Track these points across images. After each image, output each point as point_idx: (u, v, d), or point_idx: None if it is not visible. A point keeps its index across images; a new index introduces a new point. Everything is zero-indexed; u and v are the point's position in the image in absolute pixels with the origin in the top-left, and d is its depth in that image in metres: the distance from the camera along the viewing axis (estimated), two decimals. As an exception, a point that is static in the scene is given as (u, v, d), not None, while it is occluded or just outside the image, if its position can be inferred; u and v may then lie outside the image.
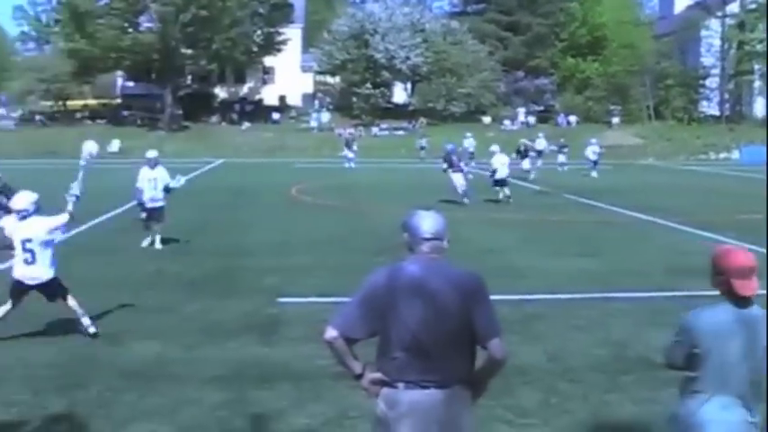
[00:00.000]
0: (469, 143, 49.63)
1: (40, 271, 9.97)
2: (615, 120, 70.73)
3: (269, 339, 10.18)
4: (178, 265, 15.46)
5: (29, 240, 9.88)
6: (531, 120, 71.77)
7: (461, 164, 27.85)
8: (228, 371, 8.87)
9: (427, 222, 4.52)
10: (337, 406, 7.74)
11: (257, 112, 74.69)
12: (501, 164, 27.50)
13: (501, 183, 27.44)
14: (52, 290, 10.16)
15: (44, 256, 9.97)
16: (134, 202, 19.39)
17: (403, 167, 48.73)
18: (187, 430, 7.22)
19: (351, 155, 49.38)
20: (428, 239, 4.48)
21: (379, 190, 32.75)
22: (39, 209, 10.22)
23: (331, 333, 4.47)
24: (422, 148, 56.16)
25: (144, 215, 17.59)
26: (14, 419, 7.48)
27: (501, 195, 27.26)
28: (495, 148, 29.05)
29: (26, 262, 9.92)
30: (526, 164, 38.19)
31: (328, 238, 19.08)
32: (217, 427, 7.31)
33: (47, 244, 10.01)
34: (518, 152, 38.34)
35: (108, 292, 12.88)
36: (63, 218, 10.28)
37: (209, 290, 13.21)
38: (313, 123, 70.73)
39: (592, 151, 41.97)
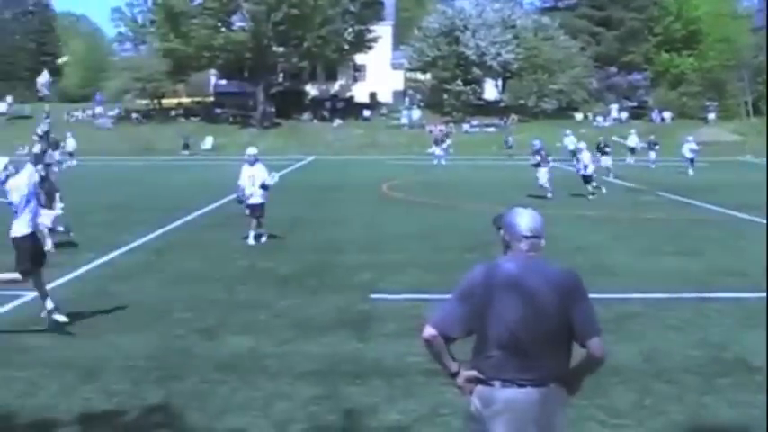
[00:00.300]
0: (570, 141, 49.16)
1: (16, 227, 10.40)
2: (711, 116, 69.30)
3: (361, 335, 10.22)
4: (271, 260, 15.61)
5: (11, 203, 10.45)
6: (624, 116, 70.77)
7: (549, 158, 28.77)
8: (321, 366, 8.94)
9: (526, 220, 4.50)
10: (429, 403, 7.73)
11: (348, 109, 75.11)
12: (589, 159, 28.49)
13: (590, 178, 28.20)
14: None
15: (23, 214, 10.38)
16: (227, 199, 19.66)
17: (493, 164, 48.52)
18: (280, 424, 7.28)
19: (439, 152, 49.27)
20: (528, 237, 4.46)
21: (469, 187, 32.66)
22: (14, 172, 10.61)
23: (430, 331, 4.46)
24: (508, 146, 55.96)
25: (247, 211, 17.82)
26: (115, 408, 7.67)
27: (590, 189, 27.92)
28: (582, 144, 30.59)
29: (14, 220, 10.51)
30: (607, 161, 37.48)
31: (420, 235, 19.08)
32: (309, 421, 7.36)
33: (25, 201, 10.39)
34: (598, 149, 37.71)
35: (202, 287, 13.14)
36: (28, 169, 10.65)
37: (301, 285, 13.32)
38: (404, 120, 70.93)
39: (688, 149, 41.03)
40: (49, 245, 16.71)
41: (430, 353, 4.57)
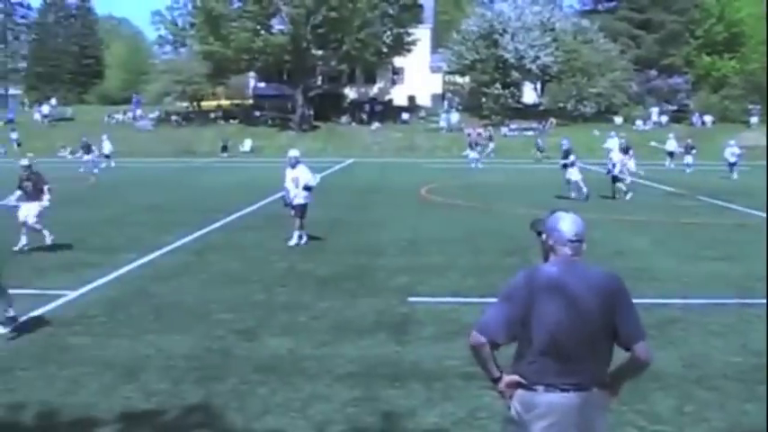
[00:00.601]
0: (613, 143, 48.70)
1: None
2: (754, 119, 68.44)
3: (400, 338, 10.20)
4: (310, 262, 15.65)
5: None
6: (664, 120, 70.17)
7: (576, 160, 29.40)
8: (359, 368, 8.94)
9: (569, 224, 4.50)
10: (467, 406, 7.71)
11: (387, 112, 75.18)
12: (618, 159, 29.09)
13: (618, 178, 28.77)
14: None
15: None
16: (266, 201, 19.70)
17: (532, 168, 48.34)
18: (318, 425, 7.30)
19: (474, 155, 49.11)
20: (572, 241, 4.46)
21: (508, 190, 32.52)
22: None
23: (478, 338, 4.46)
24: (539, 149, 55.73)
25: (293, 213, 17.88)
26: (155, 408, 7.73)
27: (622, 189, 28.47)
28: (612, 144, 32.13)
29: None
30: (631, 164, 37.14)
31: (459, 238, 19.01)
32: (347, 423, 7.37)
33: None
34: (621, 150, 37.44)
35: (241, 289, 13.20)
36: None
37: (340, 288, 13.33)
38: (442, 123, 70.88)
39: (731, 153, 40.30)
40: (48, 239, 17.02)
41: (475, 358, 4.57)
